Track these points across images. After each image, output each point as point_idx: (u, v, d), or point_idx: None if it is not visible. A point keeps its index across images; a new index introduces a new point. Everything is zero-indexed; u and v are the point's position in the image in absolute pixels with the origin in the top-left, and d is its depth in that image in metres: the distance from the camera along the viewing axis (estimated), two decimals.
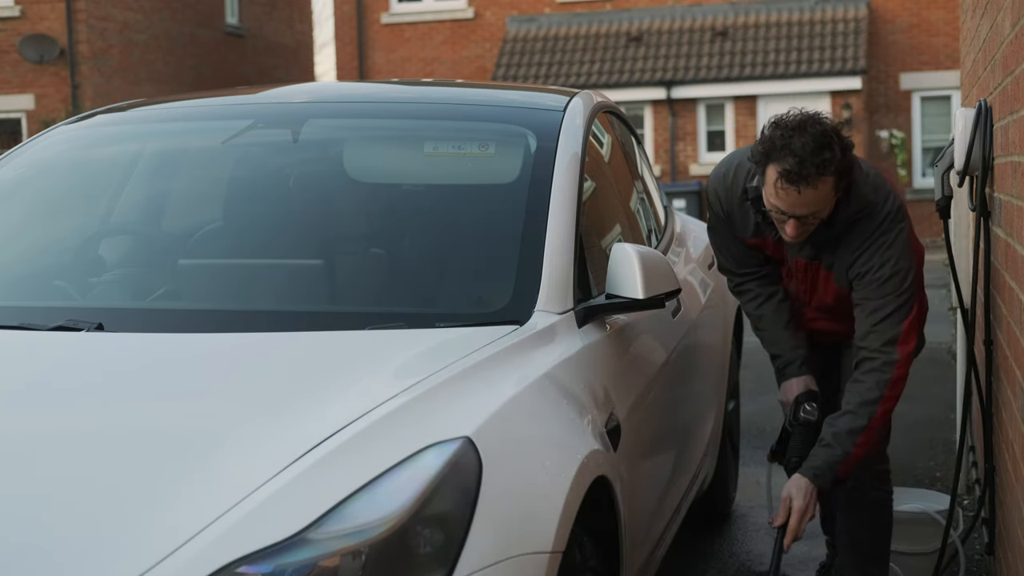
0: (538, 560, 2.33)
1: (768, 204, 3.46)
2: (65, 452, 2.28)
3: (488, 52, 22.48)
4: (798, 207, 3.39)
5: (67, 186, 3.78)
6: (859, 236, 3.55)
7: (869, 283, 3.53)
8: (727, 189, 3.72)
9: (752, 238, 3.74)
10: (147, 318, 3.08)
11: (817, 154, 3.31)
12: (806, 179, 3.32)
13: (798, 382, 3.78)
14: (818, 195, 3.38)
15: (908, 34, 21.11)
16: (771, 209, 3.46)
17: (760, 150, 3.41)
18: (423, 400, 2.44)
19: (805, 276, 3.73)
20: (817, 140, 3.33)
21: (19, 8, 21.34)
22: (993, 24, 3.80)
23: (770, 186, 3.40)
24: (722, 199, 3.75)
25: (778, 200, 3.40)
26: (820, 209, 3.43)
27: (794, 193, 3.35)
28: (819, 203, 3.40)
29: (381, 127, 3.82)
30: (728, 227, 3.80)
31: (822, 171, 3.33)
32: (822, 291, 3.73)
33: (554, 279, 3.04)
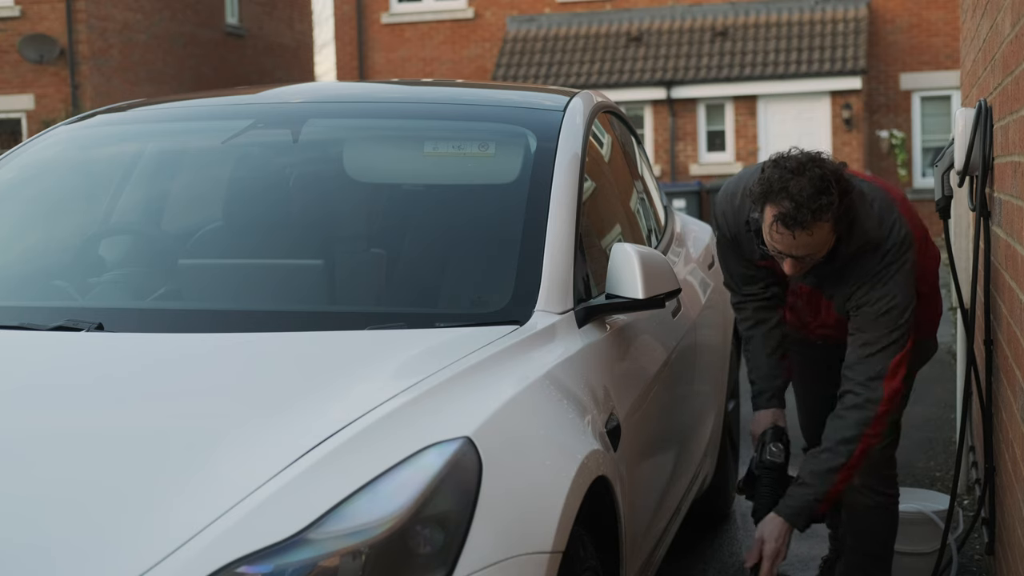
0: (538, 560, 2.33)
1: (766, 242, 3.48)
2: (65, 452, 2.28)
3: (488, 52, 22.48)
4: (794, 249, 3.40)
5: (67, 186, 3.78)
6: (862, 269, 3.55)
7: (866, 315, 3.53)
8: (735, 213, 3.72)
9: (760, 260, 3.75)
10: (147, 318, 3.08)
11: (814, 199, 3.30)
12: (801, 224, 3.32)
13: (766, 415, 3.80)
14: (813, 239, 3.38)
15: (908, 34, 21.11)
16: (769, 247, 3.48)
17: (758, 191, 3.40)
18: (423, 400, 2.44)
19: (809, 300, 3.76)
20: (815, 184, 3.31)
21: (19, 8, 21.35)
22: (993, 24, 3.80)
23: (767, 226, 3.41)
24: (729, 222, 3.76)
25: (774, 241, 3.42)
26: (817, 251, 3.44)
27: (789, 237, 3.36)
28: (815, 246, 3.41)
29: (381, 127, 3.82)
30: (735, 249, 3.81)
31: (818, 216, 3.32)
32: (824, 315, 3.76)
33: (554, 279, 3.04)
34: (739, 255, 3.81)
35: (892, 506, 3.94)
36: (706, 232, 5.33)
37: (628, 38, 21.45)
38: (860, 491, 3.85)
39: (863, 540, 3.93)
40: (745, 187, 3.64)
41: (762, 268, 3.79)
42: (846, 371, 3.57)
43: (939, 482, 5.58)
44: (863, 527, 3.91)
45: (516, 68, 21.45)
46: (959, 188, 3.92)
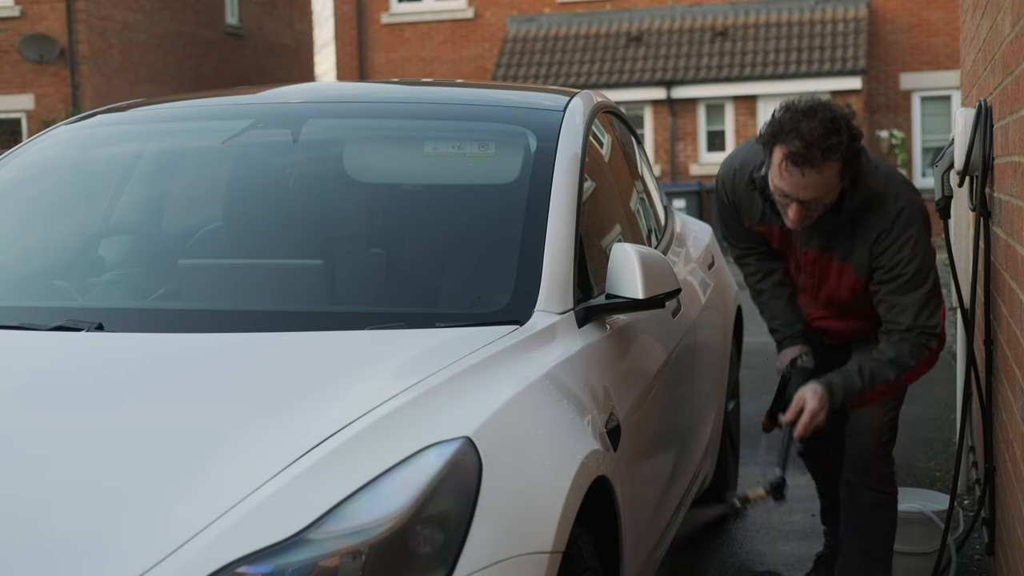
0: (538, 560, 2.33)
1: (772, 186, 3.49)
2: (65, 452, 2.28)
3: (488, 52, 22.48)
4: (801, 190, 3.42)
5: (67, 186, 3.78)
6: (874, 228, 3.58)
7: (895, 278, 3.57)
8: (735, 178, 3.77)
9: (758, 226, 3.78)
10: (147, 318, 3.08)
11: (824, 139, 3.35)
12: (811, 162, 3.35)
13: (793, 349, 3.90)
14: (822, 179, 3.40)
15: (908, 34, 21.11)
16: (775, 191, 3.49)
17: (768, 131, 3.45)
18: (423, 400, 2.44)
19: (814, 269, 3.75)
20: (825, 125, 3.36)
21: (19, 8, 21.35)
22: (993, 24, 3.80)
23: (775, 167, 3.43)
24: (728, 189, 3.81)
25: (782, 182, 3.43)
26: (823, 195, 3.45)
27: (798, 175, 3.38)
28: (822, 188, 3.42)
29: (381, 127, 3.82)
30: (735, 215, 3.86)
31: (828, 155, 3.36)
32: (834, 284, 3.73)
33: (554, 279, 3.04)
34: (737, 219, 3.85)
35: (891, 504, 3.95)
36: (706, 232, 5.33)
37: (628, 38, 21.45)
38: (859, 489, 3.88)
39: (862, 539, 3.93)
40: (749, 153, 3.71)
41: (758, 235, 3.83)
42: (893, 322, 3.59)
43: (939, 482, 5.58)
44: (862, 525, 3.92)
45: (516, 68, 21.45)
46: (959, 188, 3.92)
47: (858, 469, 3.87)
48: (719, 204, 3.91)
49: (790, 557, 4.71)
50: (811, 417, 3.60)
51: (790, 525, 5.10)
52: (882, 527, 3.94)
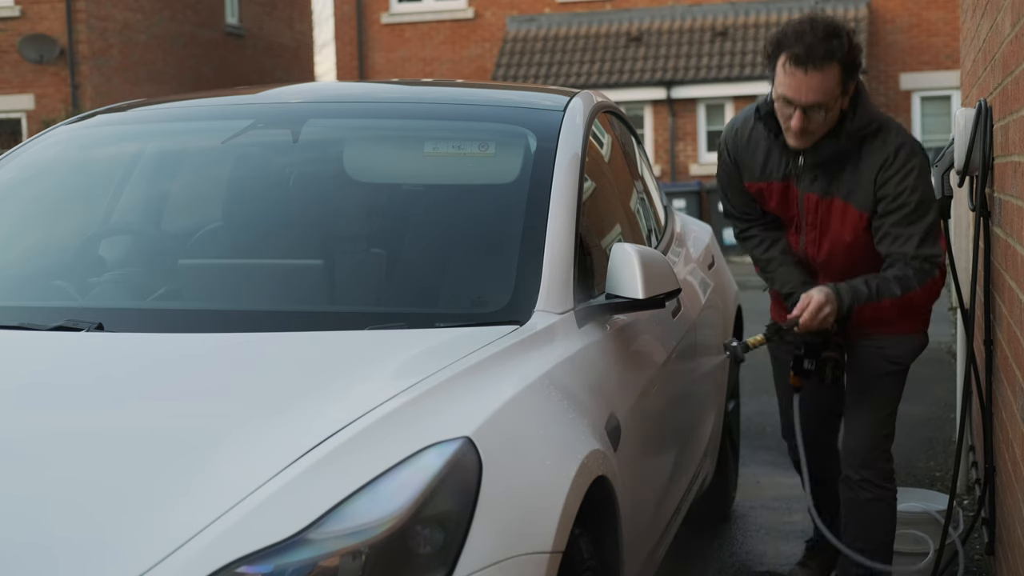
0: (538, 560, 2.33)
1: (776, 96, 3.60)
2: (65, 452, 2.28)
3: (488, 52, 22.47)
4: (804, 93, 3.52)
5: (67, 186, 3.78)
6: (876, 160, 3.65)
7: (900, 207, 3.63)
8: (737, 133, 3.87)
9: (758, 181, 3.83)
10: (147, 318, 3.08)
11: (826, 41, 3.51)
12: (813, 61, 3.49)
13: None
14: (824, 81, 3.51)
15: (908, 34, 21.11)
16: (779, 103, 3.60)
17: (772, 40, 3.60)
18: (423, 400, 2.44)
19: (815, 218, 3.79)
20: (827, 30, 3.53)
21: (19, 8, 21.35)
22: (993, 24, 3.80)
23: (779, 74, 3.56)
24: (730, 145, 3.89)
25: (786, 87, 3.54)
26: (825, 100, 3.54)
27: (800, 75, 3.50)
28: (824, 92, 3.52)
29: (381, 127, 3.82)
30: (736, 174, 3.90)
31: (829, 56, 3.50)
32: (837, 227, 3.76)
33: (554, 279, 3.04)
34: (739, 180, 3.90)
35: (891, 499, 3.95)
36: (706, 232, 5.33)
37: (628, 38, 21.45)
38: (859, 485, 3.89)
39: (862, 534, 3.93)
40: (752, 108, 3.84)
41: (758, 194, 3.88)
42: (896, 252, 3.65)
43: (939, 482, 5.59)
44: (862, 521, 3.93)
45: (516, 68, 21.45)
46: (959, 188, 3.92)
47: (857, 465, 3.88)
48: (722, 168, 3.97)
49: (790, 557, 4.71)
50: (817, 307, 3.62)
51: (790, 525, 5.10)
52: (882, 523, 3.94)
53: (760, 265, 3.98)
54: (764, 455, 6.19)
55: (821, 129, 3.61)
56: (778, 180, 3.79)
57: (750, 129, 3.82)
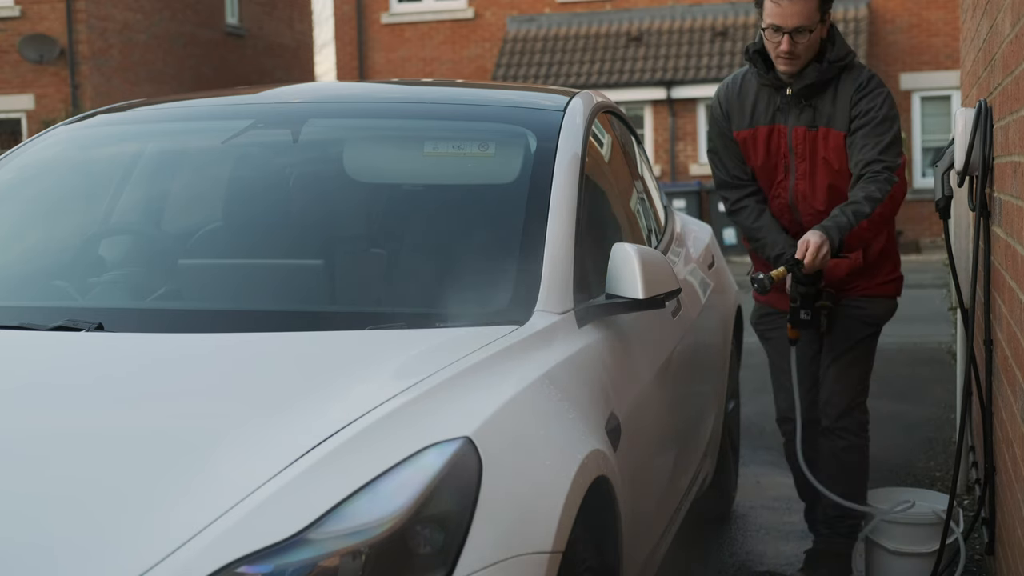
0: (538, 560, 2.33)
1: (765, 26, 4.13)
2: (65, 452, 2.28)
3: (488, 52, 22.48)
4: (789, 18, 4.07)
5: (67, 186, 3.78)
6: (851, 86, 4.18)
7: (869, 122, 4.13)
8: (728, 86, 4.36)
9: (747, 128, 4.28)
10: (147, 318, 3.08)
11: None
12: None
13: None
14: (806, 7, 4.07)
15: (908, 34, 21.11)
16: (767, 31, 4.12)
17: None
18: (423, 400, 2.44)
19: (804, 148, 4.23)
20: None
21: (19, 8, 21.35)
22: (993, 24, 3.80)
23: (767, 6, 4.11)
24: (721, 98, 4.37)
25: (773, 16, 4.09)
26: (808, 23, 4.08)
27: (786, 3, 4.06)
28: (806, 16, 4.08)
29: (381, 127, 3.82)
30: (727, 128, 4.33)
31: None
32: (823, 152, 4.21)
33: (554, 279, 3.04)
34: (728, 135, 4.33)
35: (864, 447, 4.41)
36: (706, 232, 5.33)
37: (628, 38, 21.45)
38: (836, 434, 4.36)
39: (841, 478, 4.35)
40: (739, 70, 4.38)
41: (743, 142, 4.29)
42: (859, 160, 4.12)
43: (939, 482, 5.58)
44: (839, 468, 4.36)
45: (516, 68, 21.45)
46: (959, 188, 3.92)
47: (835, 416, 4.34)
48: (713, 127, 4.42)
49: (790, 557, 4.71)
50: (816, 248, 3.99)
51: (790, 525, 5.10)
52: (857, 469, 4.39)
53: (750, 235, 4.33)
54: (764, 455, 6.19)
55: (807, 53, 4.14)
56: (765, 124, 4.26)
57: (740, 80, 4.33)
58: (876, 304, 4.37)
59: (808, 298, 4.21)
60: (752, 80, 4.28)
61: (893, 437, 6.17)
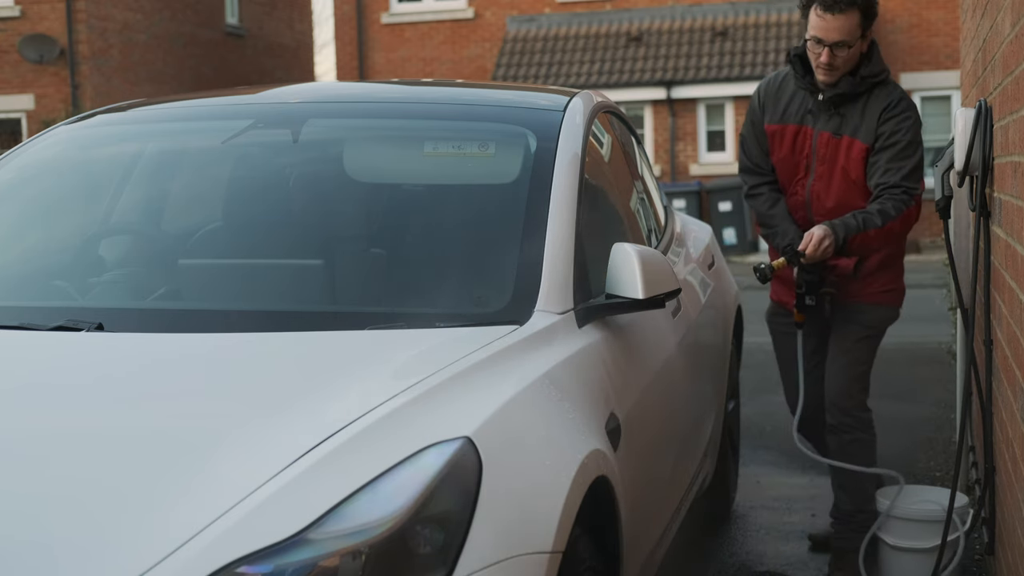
0: (538, 560, 2.33)
1: (809, 37, 4.34)
2: (65, 452, 2.28)
3: (488, 52, 22.47)
4: (831, 32, 4.28)
5: (67, 186, 3.78)
6: (881, 104, 4.36)
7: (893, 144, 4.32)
8: (770, 81, 4.60)
9: (778, 123, 4.50)
10: (147, 318, 3.08)
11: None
12: (839, 5, 4.26)
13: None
14: (848, 22, 4.27)
15: (908, 34, 21.11)
16: (809, 41, 4.33)
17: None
18: (423, 400, 2.44)
19: (826, 151, 4.43)
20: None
21: (19, 8, 21.35)
22: (993, 24, 3.80)
23: (812, 18, 4.33)
24: (762, 89, 4.61)
25: (817, 29, 4.30)
26: (848, 38, 4.28)
27: (829, 18, 4.27)
28: (847, 32, 4.28)
29: (381, 127, 3.82)
30: (760, 119, 4.57)
31: (851, 2, 4.27)
32: (843, 161, 4.41)
33: (554, 279, 3.04)
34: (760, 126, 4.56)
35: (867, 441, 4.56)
36: (706, 232, 5.33)
37: (628, 38, 21.44)
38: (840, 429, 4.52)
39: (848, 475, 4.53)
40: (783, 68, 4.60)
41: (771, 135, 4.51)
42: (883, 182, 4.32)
43: (939, 482, 5.58)
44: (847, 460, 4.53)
45: (516, 68, 21.45)
46: (959, 188, 3.92)
47: (838, 412, 4.52)
48: (748, 116, 4.64)
49: (790, 557, 4.71)
50: (819, 241, 4.24)
51: (790, 525, 5.10)
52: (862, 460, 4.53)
53: (763, 221, 4.57)
54: (764, 455, 6.19)
55: (844, 66, 4.34)
56: (794, 123, 4.48)
57: (782, 78, 4.56)
58: (872, 311, 4.52)
59: (812, 285, 4.43)
60: (791, 80, 4.51)
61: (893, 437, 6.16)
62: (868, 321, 4.52)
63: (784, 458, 6.11)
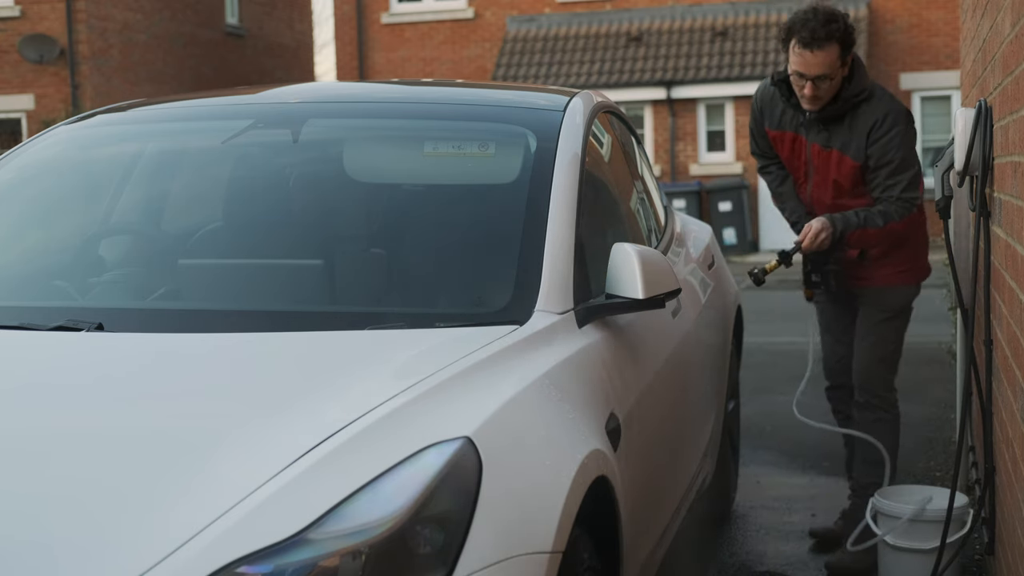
0: (538, 560, 2.33)
1: (791, 71, 4.45)
2: (65, 452, 2.28)
3: (488, 52, 22.47)
4: (811, 67, 4.38)
5: (67, 186, 3.78)
6: (867, 122, 4.46)
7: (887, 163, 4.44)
8: (764, 90, 4.74)
9: (776, 130, 4.67)
10: (147, 318, 3.08)
11: (825, 25, 4.39)
12: (817, 42, 4.35)
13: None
14: (827, 58, 4.37)
15: (908, 34, 21.11)
16: (792, 75, 4.44)
17: (784, 28, 4.47)
18: (423, 400, 2.44)
19: (819, 162, 4.60)
20: (826, 15, 4.42)
21: (19, 8, 21.35)
22: (993, 24, 3.80)
23: (792, 55, 4.43)
24: (758, 97, 4.76)
25: (797, 64, 4.40)
26: (829, 72, 4.39)
27: (808, 54, 4.37)
28: (827, 66, 4.38)
29: (381, 127, 3.82)
30: (760, 120, 4.73)
31: (829, 37, 4.37)
32: (835, 171, 4.56)
33: (554, 279, 3.04)
34: (761, 127, 4.73)
35: (891, 420, 4.73)
36: (706, 232, 5.33)
37: (628, 38, 21.44)
38: (864, 407, 4.69)
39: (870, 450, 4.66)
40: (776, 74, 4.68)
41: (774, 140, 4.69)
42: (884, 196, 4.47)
43: (939, 482, 5.59)
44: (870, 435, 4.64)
45: (516, 68, 21.45)
46: (959, 188, 3.92)
47: (862, 391, 4.69)
48: (751, 115, 4.81)
49: (790, 557, 4.71)
50: (815, 234, 4.44)
51: (790, 525, 5.10)
52: (885, 440, 4.65)
53: (774, 196, 4.82)
54: (764, 455, 6.19)
55: (828, 94, 4.46)
56: (790, 131, 4.64)
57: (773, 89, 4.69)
58: (889, 293, 4.67)
59: (817, 263, 4.64)
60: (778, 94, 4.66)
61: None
62: (886, 303, 4.67)
63: (784, 458, 6.11)
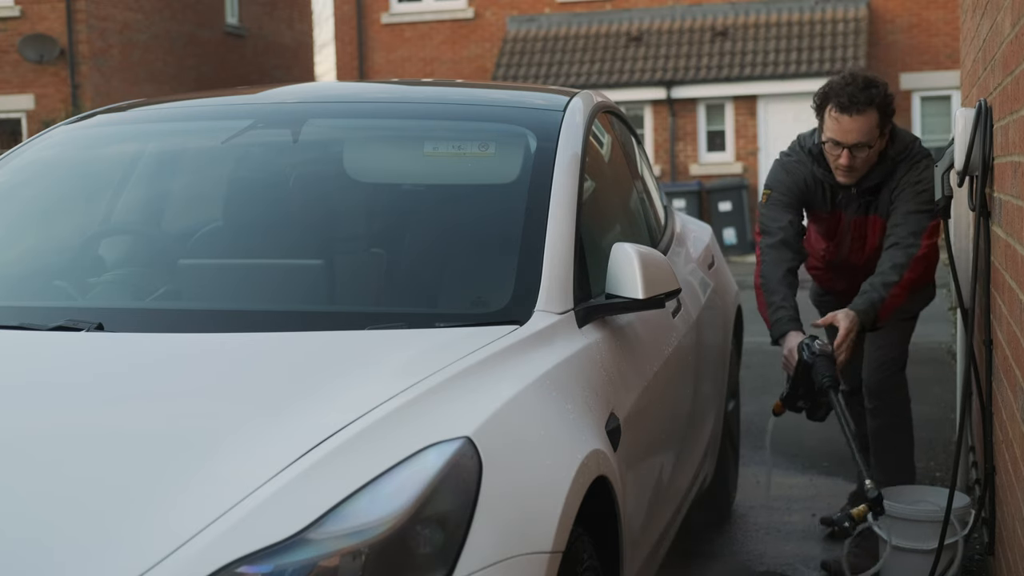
0: (538, 560, 2.33)
1: (825, 139, 4.30)
2: (65, 452, 2.29)
3: (488, 52, 22.47)
4: (848, 134, 4.23)
5: (67, 186, 3.78)
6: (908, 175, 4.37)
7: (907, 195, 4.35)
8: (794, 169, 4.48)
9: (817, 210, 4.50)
10: (147, 318, 3.08)
11: (864, 91, 4.25)
12: (856, 106, 4.21)
13: (795, 335, 4.30)
14: (865, 123, 4.23)
15: (908, 34, 21.11)
16: (827, 144, 4.29)
17: (820, 93, 4.34)
18: (423, 400, 2.44)
19: (858, 234, 4.54)
20: (865, 81, 4.29)
21: (19, 8, 21.34)
22: (993, 24, 3.80)
23: (827, 120, 4.28)
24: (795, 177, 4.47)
25: (834, 131, 4.26)
26: (867, 139, 4.25)
27: (846, 119, 4.23)
28: (866, 132, 4.24)
29: (381, 127, 3.82)
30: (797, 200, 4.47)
31: (869, 102, 4.23)
32: (871, 238, 4.52)
33: (554, 279, 3.04)
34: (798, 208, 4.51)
35: (902, 426, 4.65)
36: (706, 232, 5.34)
37: (628, 38, 21.44)
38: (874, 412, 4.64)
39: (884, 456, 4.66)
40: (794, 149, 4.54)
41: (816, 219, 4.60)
42: (893, 229, 4.37)
43: (939, 482, 5.59)
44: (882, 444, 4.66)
45: (516, 68, 21.45)
46: (959, 188, 3.93)
47: (872, 396, 4.63)
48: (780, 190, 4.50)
49: (790, 557, 4.71)
50: (846, 334, 4.24)
51: (790, 525, 5.10)
52: (897, 443, 4.65)
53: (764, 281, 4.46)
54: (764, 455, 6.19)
55: (864, 166, 4.33)
56: (826, 212, 4.52)
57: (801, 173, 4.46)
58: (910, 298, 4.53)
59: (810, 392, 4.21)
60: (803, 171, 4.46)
61: None
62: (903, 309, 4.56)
63: (784, 458, 6.11)
